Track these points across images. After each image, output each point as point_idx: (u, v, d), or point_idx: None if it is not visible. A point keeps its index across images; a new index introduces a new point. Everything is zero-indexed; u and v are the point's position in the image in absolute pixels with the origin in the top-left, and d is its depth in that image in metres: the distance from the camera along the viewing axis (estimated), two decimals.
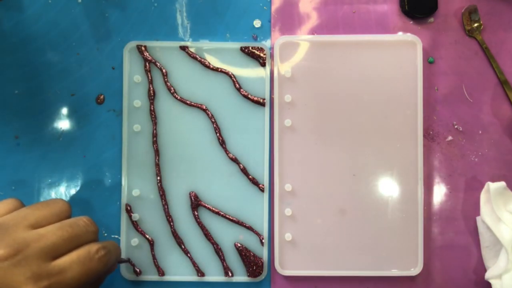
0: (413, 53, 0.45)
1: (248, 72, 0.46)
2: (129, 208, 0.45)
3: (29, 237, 0.33)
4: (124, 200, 0.45)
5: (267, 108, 0.46)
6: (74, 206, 0.46)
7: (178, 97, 0.46)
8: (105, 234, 0.45)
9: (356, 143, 0.45)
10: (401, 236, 0.45)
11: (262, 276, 0.45)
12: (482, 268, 0.45)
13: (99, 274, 0.36)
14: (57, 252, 0.33)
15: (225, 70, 0.46)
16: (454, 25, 0.47)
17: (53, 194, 0.46)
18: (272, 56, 0.46)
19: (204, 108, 0.46)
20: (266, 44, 0.47)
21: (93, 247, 0.35)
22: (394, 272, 0.45)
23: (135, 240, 0.45)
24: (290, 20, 0.47)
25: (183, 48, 0.46)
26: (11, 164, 0.46)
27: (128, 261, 0.45)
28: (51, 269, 0.32)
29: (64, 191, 0.46)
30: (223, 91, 0.46)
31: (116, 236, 0.46)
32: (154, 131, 0.46)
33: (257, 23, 0.47)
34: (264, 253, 0.45)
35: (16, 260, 0.31)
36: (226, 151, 0.46)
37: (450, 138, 0.46)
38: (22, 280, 0.31)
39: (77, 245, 0.35)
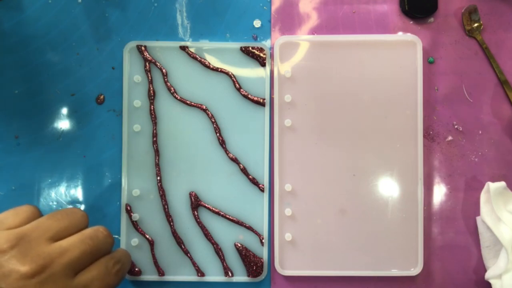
0: (413, 53, 0.45)
1: (248, 72, 0.46)
2: (129, 208, 0.45)
3: (53, 252, 0.32)
4: (124, 200, 0.45)
5: (267, 108, 0.46)
6: (74, 206, 0.46)
7: (178, 97, 0.46)
8: None
9: (356, 143, 0.45)
10: (401, 236, 0.45)
11: (262, 276, 0.45)
12: (482, 268, 0.45)
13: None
14: (79, 267, 0.33)
15: (225, 70, 0.46)
16: (454, 25, 0.47)
17: (53, 194, 0.46)
18: (272, 56, 0.46)
19: (204, 108, 0.46)
20: (266, 44, 0.47)
21: (110, 262, 0.35)
22: (394, 272, 0.45)
23: (135, 240, 0.45)
24: (290, 20, 0.47)
25: (183, 48, 0.46)
26: (11, 164, 0.46)
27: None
28: (75, 286, 0.32)
29: (64, 191, 0.46)
30: (223, 91, 0.46)
31: (116, 236, 0.46)
32: (154, 131, 0.46)
33: (257, 23, 0.47)
34: (264, 253, 0.45)
35: (43, 277, 0.31)
36: (226, 151, 0.46)
37: (450, 138, 0.46)
38: None
39: (96, 258, 0.34)
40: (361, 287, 0.45)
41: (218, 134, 0.46)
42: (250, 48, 0.46)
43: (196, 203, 0.45)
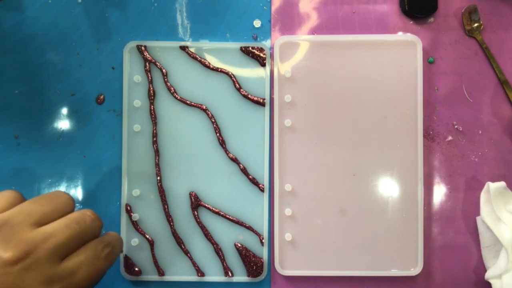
0: (413, 53, 0.45)
1: (248, 72, 0.46)
2: (129, 208, 0.45)
3: (36, 237, 0.31)
4: (124, 200, 0.45)
5: (267, 108, 0.46)
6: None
7: (178, 97, 0.46)
8: None
9: (356, 143, 0.45)
10: (401, 236, 0.45)
11: (262, 276, 0.45)
12: (482, 268, 0.45)
13: (105, 272, 0.35)
14: (65, 252, 0.32)
15: (225, 70, 0.46)
16: (454, 25, 0.47)
17: None
18: (272, 56, 0.46)
19: (204, 108, 0.46)
20: (266, 44, 0.47)
21: (99, 245, 0.34)
22: (394, 272, 0.45)
23: (135, 240, 0.45)
24: (290, 20, 0.47)
25: (183, 48, 0.46)
26: (11, 164, 0.46)
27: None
28: (61, 271, 0.31)
29: (64, 191, 0.46)
30: (223, 91, 0.46)
31: None
32: (154, 131, 0.46)
33: (257, 23, 0.47)
34: (264, 253, 0.45)
35: (26, 263, 0.30)
36: (226, 151, 0.46)
37: (450, 138, 0.46)
38: (34, 285, 0.30)
39: (84, 243, 0.34)
40: (361, 287, 0.45)
41: (218, 134, 0.46)
42: (250, 48, 0.46)
43: (196, 203, 0.45)
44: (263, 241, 0.45)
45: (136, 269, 0.45)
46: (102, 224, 0.36)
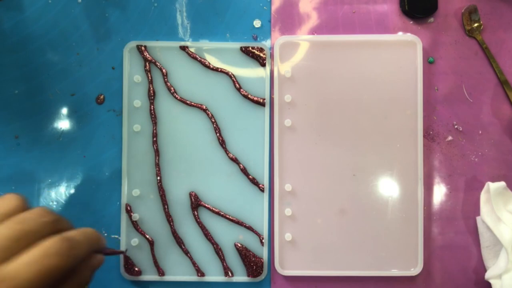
0: (413, 53, 0.45)
1: (248, 72, 0.46)
2: (129, 208, 0.45)
3: None
4: (124, 200, 0.45)
5: (267, 108, 0.46)
6: (74, 206, 0.46)
7: (178, 97, 0.46)
8: (105, 234, 0.46)
9: (356, 143, 0.45)
10: (401, 236, 0.45)
11: (262, 276, 0.45)
12: (482, 268, 0.45)
13: (64, 271, 0.31)
14: (6, 254, 0.30)
15: (225, 70, 0.46)
16: (454, 25, 0.47)
17: (53, 194, 0.46)
18: (272, 56, 0.46)
19: (204, 108, 0.46)
20: (266, 44, 0.47)
21: (48, 242, 0.31)
22: (394, 272, 0.45)
23: (135, 240, 0.45)
24: (290, 20, 0.47)
25: (183, 48, 0.46)
26: (11, 164, 0.46)
27: (123, 252, 0.43)
28: (3, 275, 0.29)
29: (64, 191, 0.46)
30: (223, 91, 0.46)
31: (116, 236, 0.46)
32: (154, 131, 0.46)
33: (257, 23, 0.47)
34: (264, 253, 0.45)
35: None
36: (226, 151, 0.46)
37: (450, 138, 0.46)
38: None
39: (33, 241, 0.31)
40: (361, 287, 0.45)
41: (218, 134, 0.46)
42: (250, 48, 0.46)
43: (196, 203, 0.45)
44: (263, 241, 0.45)
45: (136, 269, 0.45)
46: (58, 218, 0.33)
